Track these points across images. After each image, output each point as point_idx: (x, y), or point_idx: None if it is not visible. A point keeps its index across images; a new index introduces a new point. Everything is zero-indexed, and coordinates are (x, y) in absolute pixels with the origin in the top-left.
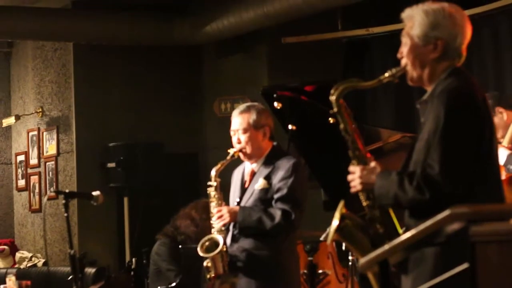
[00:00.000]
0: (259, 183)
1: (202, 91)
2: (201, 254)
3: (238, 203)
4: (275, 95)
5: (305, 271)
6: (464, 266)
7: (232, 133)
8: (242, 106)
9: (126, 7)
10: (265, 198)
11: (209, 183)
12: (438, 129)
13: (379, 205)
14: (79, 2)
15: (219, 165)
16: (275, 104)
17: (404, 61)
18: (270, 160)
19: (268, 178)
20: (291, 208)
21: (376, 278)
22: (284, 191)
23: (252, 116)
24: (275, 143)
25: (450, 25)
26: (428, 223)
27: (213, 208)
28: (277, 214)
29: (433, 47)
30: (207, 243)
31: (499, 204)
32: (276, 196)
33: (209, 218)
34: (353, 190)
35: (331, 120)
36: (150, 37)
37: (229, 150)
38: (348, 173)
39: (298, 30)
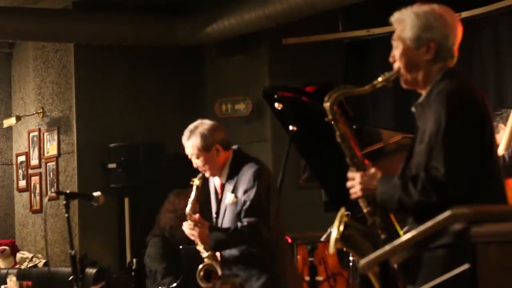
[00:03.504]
0: (228, 198)
1: (203, 92)
2: (202, 285)
3: (216, 217)
4: (276, 96)
5: (307, 277)
6: (465, 266)
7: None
8: (186, 132)
9: (127, 7)
10: (237, 212)
11: (184, 223)
12: (440, 131)
13: (380, 211)
14: (80, 3)
15: (190, 205)
16: (276, 104)
17: (397, 65)
18: (234, 170)
19: (235, 190)
20: (255, 221)
21: (377, 279)
22: (248, 204)
23: (197, 142)
24: (235, 149)
25: (442, 26)
26: (429, 223)
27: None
28: (245, 231)
29: (426, 49)
30: (202, 273)
31: (500, 205)
32: (243, 209)
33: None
34: (353, 196)
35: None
36: (151, 37)
37: (191, 182)
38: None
39: (299, 31)
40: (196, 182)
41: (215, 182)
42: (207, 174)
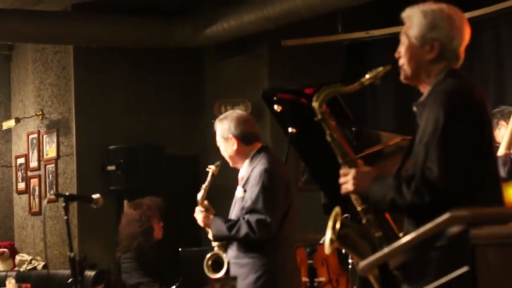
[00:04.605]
0: (238, 191)
1: (202, 94)
2: (209, 275)
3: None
4: (275, 98)
5: (306, 278)
6: (464, 269)
7: None
8: (217, 119)
9: (126, 9)
10: (241, 207)
11: (198, 208)
12: (437, 131)
13: (374, 209)
14: (79, 5)
15: (202, 191)
16: (275, 106)
17: (401, 61)
18: (251, 165)
19: (245, 185)
20: (254, 219)
21: (377, 281)
22: (249, 202)
23: (219, 128)
24: (262, 145)
25: (448, 27)
26: (428, 226)
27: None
28: (243, 227)
29: (429, 48)
30: (210, 262)
31: (498, 207)
32: (245, 206)
33: (150, 210)
34: (343, 191)
35: None
36: (150, 39)
37: (207, 168)
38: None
39: (299, 32)
40: (212, 168)
41: (239, 174)
42: (230, 163)
